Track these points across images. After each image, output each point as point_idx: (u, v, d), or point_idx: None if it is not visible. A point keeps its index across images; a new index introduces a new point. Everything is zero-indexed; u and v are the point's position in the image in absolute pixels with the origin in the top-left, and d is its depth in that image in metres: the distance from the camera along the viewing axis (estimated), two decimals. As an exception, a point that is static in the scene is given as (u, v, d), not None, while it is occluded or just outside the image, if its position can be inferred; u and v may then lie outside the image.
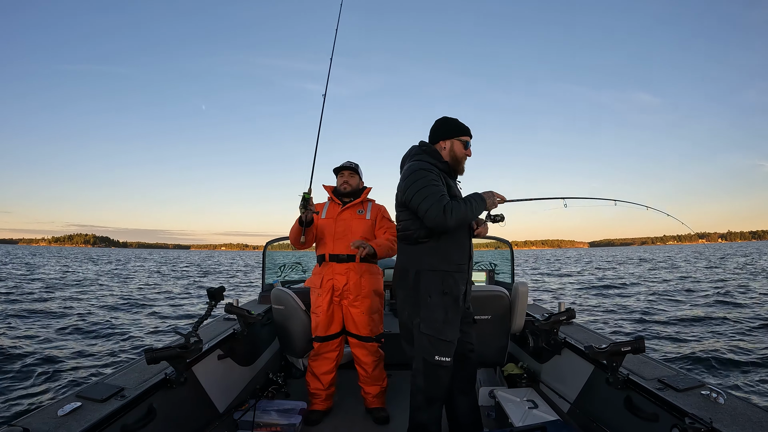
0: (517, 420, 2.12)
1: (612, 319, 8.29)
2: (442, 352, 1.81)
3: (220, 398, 2.22)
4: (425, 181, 1.79)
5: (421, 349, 1.85)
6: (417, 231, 1.87)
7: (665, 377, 1.70)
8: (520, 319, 2.57)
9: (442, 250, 1.86)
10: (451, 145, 1.96)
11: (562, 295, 12.69)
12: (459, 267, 1.88)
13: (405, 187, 1.85)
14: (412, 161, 1.93)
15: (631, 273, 19.88)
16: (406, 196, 1.83)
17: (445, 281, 1.83)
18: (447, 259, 1.85)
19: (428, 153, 1.95)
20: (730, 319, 7.74)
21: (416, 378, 1.89)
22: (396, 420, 2.47)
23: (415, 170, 1.84)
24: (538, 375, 2.61)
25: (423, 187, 1.77)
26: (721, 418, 1.36)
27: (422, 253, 1.87)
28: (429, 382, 1.85)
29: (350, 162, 2.62)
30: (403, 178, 1.90)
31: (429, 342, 1.82)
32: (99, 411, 1.42)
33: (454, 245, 1.88)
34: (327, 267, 2.48)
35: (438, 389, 1.87)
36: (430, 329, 1.82)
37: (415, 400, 1.89)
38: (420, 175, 1.81)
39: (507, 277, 3.89)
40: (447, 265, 1.85)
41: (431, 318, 1.82)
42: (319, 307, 2.47)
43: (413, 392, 1.91)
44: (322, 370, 2.49)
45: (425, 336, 1.83)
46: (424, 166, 1.86)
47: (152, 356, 1.65)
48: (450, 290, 1.83)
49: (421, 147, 1.99)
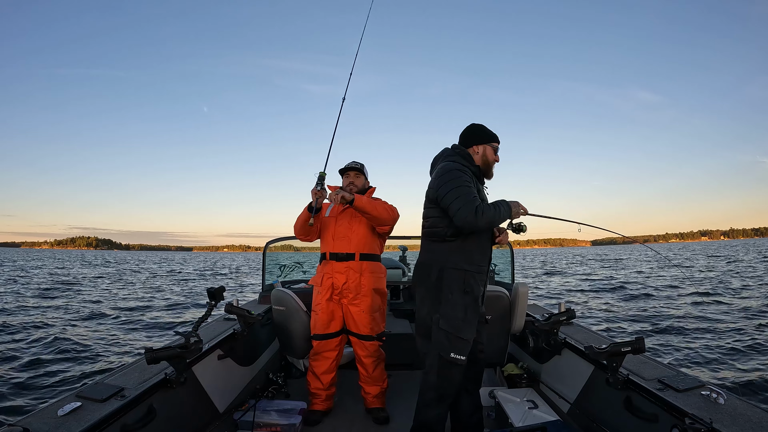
0: (517, 420, 2.12)
1: (612, 319, 8.29)
2: (458, 350, 1.84)
3: (220, 398, 2.22)
4: (459, 182, 1.83)
5: (438, 345, 1.87)
6: (445, 229, 1.90)
7: (665, 377, 1.71)
8: (521, 320, 2.57)
9: (466, 250, 1.90)
10: (484, 150, 2.02)
11: (572, 295, 12.69)
12: (480, 268, 1.93)
13: (438, 184, 1.88)
14: (446, 161, 1.97)
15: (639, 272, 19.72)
16: (439, 194, 1.87)
17: (467, 281, 1.87)
18: (470, 259, 1.90)
19: (462, 156, 2.00)
20: (730, 319, 7.74)
21: (429, 375, 1.90)
22: (396, 420, 2.47)
23: (451, 170, 1.88)
24: (538, 375, 2.61)
25: (457, 187, 1.82)
26: (721, 419, 1.36)
27: (448, 251, 1.91)
28: (442, 379, 1.87)
29: (355, 162, 2.60)
30: (436, 176, 1.93)
31: (447, 339, 1.85)
32: (99, 411, 1.42)
33: (478, 247, 1.92)
34: (328, 265, 2.49)
35: (450, 387, 1.89)
36: (448, 326, 1.85)
37: (426, 397, 1.90)
38: (455, 175, 1.86)
39: (507, 277, 3.89)
40: (469, 265, 1.89)
41: (451, 315, 1.85)
42: (319, 304, 2.47)
43: (424, 389, 1.92)
44: (321, 370, 2.49)
45: (443, 332, 1.85)
46: (458, 167, 1.91)
47: (152, 356, 1.65)
48: (471, 290, 1.87)
49: (455, 149, 2.04)
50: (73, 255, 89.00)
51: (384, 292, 2.55)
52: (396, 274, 4.43)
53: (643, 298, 11.00)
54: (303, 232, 2.50)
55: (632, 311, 9.11)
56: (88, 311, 9.34)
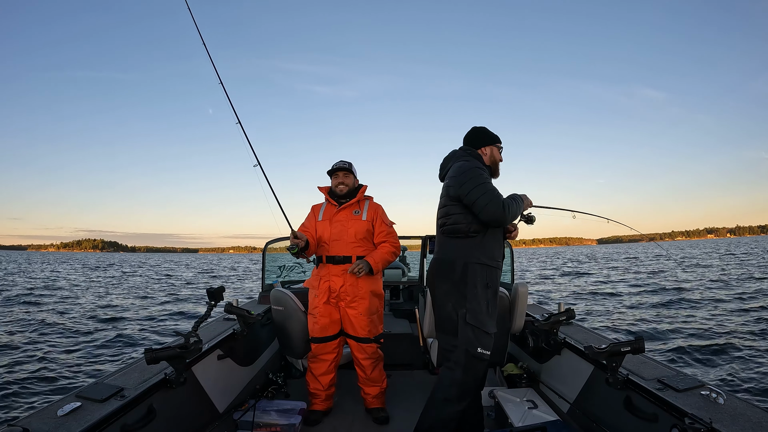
0: (516, 420, 2.12)
1: (612, 319, 8.29)
2: (484, 345, 1.88)
3: (220, 398, 2.22)
4: (482, 179, 1.91)
5: (465, 340, 1.88)
6: (469, 225, 1.94)
7: (665, 377, 1.70)
8: (520, 320, 2.57)
9: (486, 245, 1.95)
10: (491, 151, 2.12)
11: (576, 296, 12.69)
12: (498, 263, 1.99)
13: (461, 182, 1.93)
14: (462, 161, 2.03)
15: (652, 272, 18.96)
16: (463, 191, 1.91)
17: (489, 275, 1.92)
18: (490, 254, 1.95)
19: (474, 157, 2.08)
20: (731, 318, 7.74)
21: (454, 370, 1.90)
22: (396, 420, 2.47)
23: (471, 168, 1.95)
24: (538, 375, 2.61)
25: (481, 183, 1.88)
26: (720, 419, 1.36)
27: (471, 246, 1.95)
28: (468, 374, 1.88)
29: (343, 162, 2.58)
30: (457, 175, 1.97)
31: (474, 333, 1.87)
32: (99, 411, 1.42)
33: (496, 243, 1.99)
34: (324, 268, 2.48)
35: (474, 383, 1.92)
36: (475, 320, 1.87)
37: (448, 392, 1.89)
38: (477, 173, 1.93)
39: (507, 277, 3.90)
40: (490, 260, 1.94)
41: (477, 309, 1.88)
42: (316, 308, 2.47)
43: (446, 384, 1.90)
44: (320, 371, 2.49)
45: (470, 327, 1.87)
46: (477, 164, 2.00)
47: (152, 356, 1.65)
48: (492, 284, 1.93)
49: (466, 151, 2.11)
50: (77, 257, 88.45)
51: (381, 294, 2.55)
52: (396, 275, 4.43)
53: (644, 298, 11.00)
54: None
55: (632, 311, 9.10)
56: (87, 311, 9.34)
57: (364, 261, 2.39)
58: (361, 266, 2.36)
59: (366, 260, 2.40)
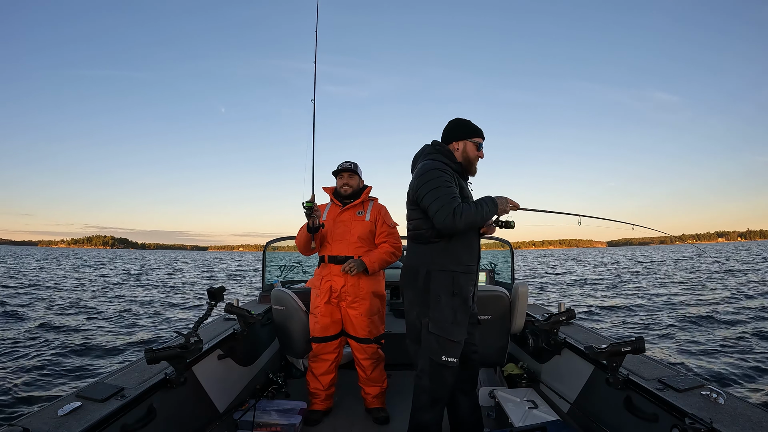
0: (517, 420, 2.12)
1: (612, 319, 8.29)
2: (449, 353, 1.82)
3: (220, 398, 2.22)
4: (439, 182, 1.78)
5: (429, 349, 1.84)
6: (428, 230, 1.86)
7: (665, 377, 1.70)
8: (520, 320, 2.57)
9: (452, 250, 1.86)
10: (464, 146, 1.96)
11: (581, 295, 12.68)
12: (468, 268, 1.89)
13: (417, 185, 1.84)
14: (426, 160, 1.92)
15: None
16: (418, 195, 1.83)
17: (456, 282, 1.83)
18: (457, 260, 1.86)
19: (442, 153, 1.94)
20: (732, 318, 7.73)
21: (421, 378, 1.88)
22: (396, 420, 2.47)
23: (429, 169, 1.83)
24: (538, 375, 2.61)
25: (435, 188, 1.77)
26: (721, 419, 1.36)
27: (433, 252, 1.87)
28: (434, 382, 1.85)
29: (348, 163, 2.59)
30: (415, 177, 1.89)
31: (437, 342, 1.82)
32: (99, 411, 1.42)
33: (464, 246, 1.88)
34: (326, 268, 2.49)
35: (443, 390, 1.87)
36: (438, 329, 1.81)
37: (419, 400, 1.89)
38: (434, 175, 1.81)
39: (507, 277, 3.89)
40: (457, 266, 1.85)
41: (440, 318, 1.82)
42: (317, 308, 2.47)
43: (417, 392, 1.90)
44: (320, 371, 2.49)
45: (433, 336, 1.83)
46: (438, 165, 1.86)
47: (152, 356, 1.65)
48: (460, 291, 1.83)
49: (435, 146, 1.98)
50: (88, 254, 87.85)
51: (383, 294, 2.55)
52: (397, 274, 4.43)
53: (644, 298, 10.98)
54: (307, 250, 2.52)
55: (632, 311, 9.10)
56: (88, 311, 9.34)
57: (358, 260, 2.39)
58: (353, 265, 2.35)
59: (361, 259, 2.39)
